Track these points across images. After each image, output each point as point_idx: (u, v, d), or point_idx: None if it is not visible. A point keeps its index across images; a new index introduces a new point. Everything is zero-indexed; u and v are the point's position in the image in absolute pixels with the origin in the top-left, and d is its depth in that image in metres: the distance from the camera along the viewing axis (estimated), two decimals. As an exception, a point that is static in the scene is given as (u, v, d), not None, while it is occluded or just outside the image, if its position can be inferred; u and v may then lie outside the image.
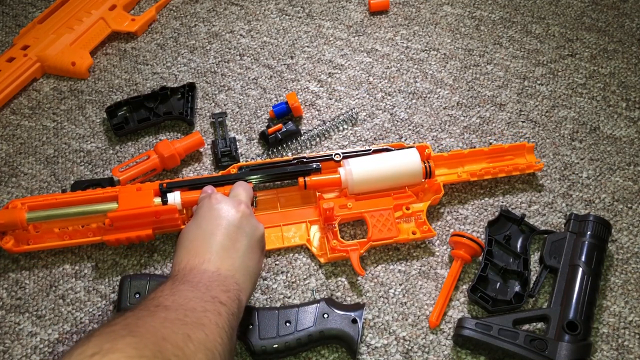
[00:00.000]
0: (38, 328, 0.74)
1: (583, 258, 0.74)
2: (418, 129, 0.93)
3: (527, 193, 0.86)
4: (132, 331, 0.48)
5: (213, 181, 0.80)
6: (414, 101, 0.96)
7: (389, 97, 0.97)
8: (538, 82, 0.99)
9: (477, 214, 0.84)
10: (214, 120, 0.93)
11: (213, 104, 0.96)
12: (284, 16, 1.08)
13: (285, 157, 0.85)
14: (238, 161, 0.88)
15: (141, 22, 1.04)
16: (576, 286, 0.73)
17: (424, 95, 0.97)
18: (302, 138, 0.91)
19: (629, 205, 0.85)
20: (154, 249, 0.80)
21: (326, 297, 0.74)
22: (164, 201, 0.77)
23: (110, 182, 0.84)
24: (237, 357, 0.71)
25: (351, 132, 0.92)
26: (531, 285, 0.76)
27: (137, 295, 0.71)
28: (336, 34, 1.06)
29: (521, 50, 1.03)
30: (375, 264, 0.79)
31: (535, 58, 1.02)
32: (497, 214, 0.81)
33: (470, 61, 1.02)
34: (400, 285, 0.77)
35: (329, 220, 0.79)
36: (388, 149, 0.84)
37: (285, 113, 0.93)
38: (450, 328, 0.74)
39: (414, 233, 0.79)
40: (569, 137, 0.92)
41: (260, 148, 0.91)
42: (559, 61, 1.02)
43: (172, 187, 0.79)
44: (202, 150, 0.90)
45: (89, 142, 0.91)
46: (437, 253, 0.80)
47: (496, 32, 1.06)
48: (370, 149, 0.84)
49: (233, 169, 0.83)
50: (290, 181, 0.85)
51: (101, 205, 0.77)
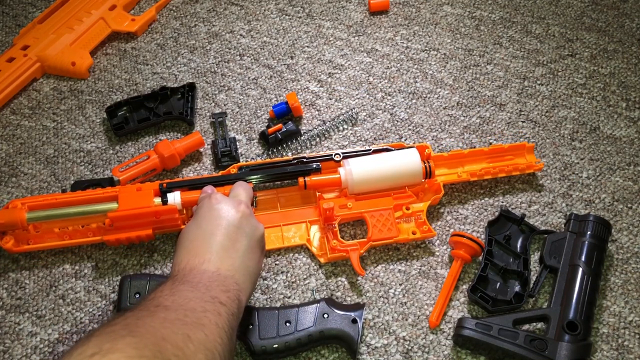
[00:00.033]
0: (38, 328, 0.74)
1: (583, 258, 0.74)
2: (418, 129, 0.93)
3: (527, 193, 0.86)
4: (132, 331, 0.48)
5: (213, 181, 0.80)
6: (414, 101, 0.96)
7: (389, 97, 0.97)
8: (538, 82, 0.99)
9: (477, 214, 0.84)
10: (214, 120, 0.93)
11: (213, 104, 0.96)
12: (284, 16, 1.08)
13: (285, 157, 0.85)
14: (238, 161, 0.88)
15: (141, 22, 1.04)
16: (576, 286, 0.73)
17: (424, 95, 0.97)
18: (302, 138, 0.90)
19: (629, 205, 0.85)
20: (154, 249, 0.80)
21: (326, 297, 0.74)
22: (164, 201, 0.77)
23: (110, 182, 0.84)
24: (237, 357, 0.71)
25: (351, 132, 0.92)
26: (531, 285, 0.76)
27: (137, 295, 0.71)
28: (336, 34, 1.06)
29: (521, 50, 1.03)
30: (375, 264, 0.79)
31: (535, 58, 1.02)
32: (497, 214, 0.81)
33: (470, 61, 1.02)
34: (400, 285, 0.77)
35: (329, 220, 0.79)
36: (388, 149, 0.84)
37: (285, 113, 0.93)
38: (450, 328, 0.74)
39: (414, 233, 0.79)
40: (569, 137, 0.92)
41: (260, 148, 0.91)
42: (559, 61, 1.02)
43: (172, 187, 0.79)
44: (202, 150, 0.90)
45: (89, 142, 0.91)
46: (437, 253, 0.80)
47: (496, 32, 1.06)
48: (370, 149, 0.84)
49: (233, 169, 0.83)
50: (290, 181, 0.85)
51: (101, 205, 0.77)
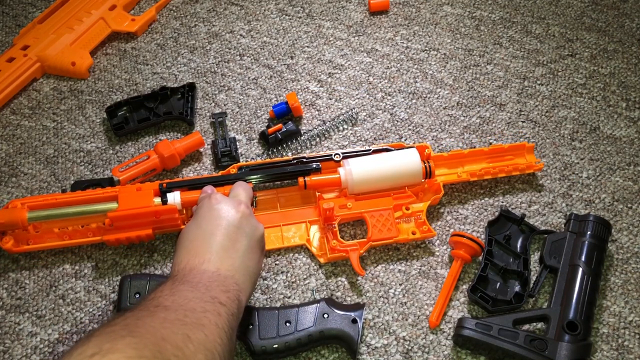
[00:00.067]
0: (38, 328, 0.74)
1: (583, 258, 0.74)
2: (418, 129, 0.93)
3: (527, 193, 0.86)
4: (132, 331, 0.48)
5: (213, 181, 0.80)
6: (414, 101, 0.96)
7: (389, 97, 0.97)
8: (538, 82, 0.99)
9: (477, 214, 0.84)
10: (214, 120, 0.93)
11: (213, 104, 0.96)
12: (284, 16, 1.08)
13: (285, 157, 0.85)
14: (238, 161, 0.88)
15: (141, 22, 1.04)
16: (576, 286, 0.73)
17: (424, 95, 0.97)
18: (302, 138, 0.90)
19: (629, 205, 0.85)
20: (154, 249, 0.80)
21: (326, 297, 0.74)
22: (164, 201, 0.77)
23: (110, 182, 0.84)
24: (237, 357, 0.71)
25: (351, 132, 0.92)
26: (531, 285, 0.76)
27: (137, 295, 0.71)
28: (336, 34, 1.06)
29: (521, 50, 1.03)
30: (375, 264, 0.79)
31: (535, 58, 1.02)
32: (497, 214, 0.81)
33: (470, 61, 1.02)
34: (400, 285, 0.77)
35: (329, 220, 0.79)
36: (388, 149, 0.84)
37: (285, 113, 0.93)
38: (450, 328, 0.74)
39: (414, 233, 0.79)
40: (569, 137, 0.92)
41: (260, 148, 0.91)
42: (559, 61, 1.02)
43: (172, 187, 0.79)
44: (202, 150, 0.90)
45: (89, 142, 0.91)
46: (437, 253, 0.80)
47: (496, 32, 1.06)
48: (370, 149, 0.84)
49: (233, 169, 0.83)
50: (290, 181, 0.85)
51: (101, 205, 0.77)
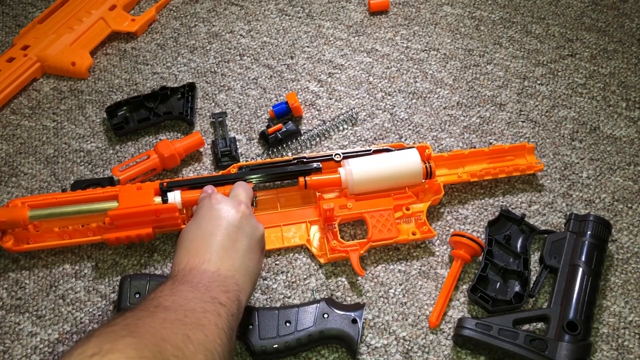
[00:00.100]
0: (38, 328, 0.74)
1: (583, 258, 0.74)
2: (418, 129, 0.93)
3: (527, 193, 0.86)
4: (132, 332, 0.48)
5: (213, 181, 0.80)
6: (414, 101, 0.96)
7: (389, 97, 0.97)
8: (538, 82, 0.99)
9: (477, 214, 0.84)
10: (214, 120, 0.93)
11: (213, 104, 0.96)
12: (284, 16, 1.08)
13: (285, 157, 0.85)
14: (238, 161, 0.88)
15: (141, 22, 1.04)
16: (576, 286, 0.73)
17: (424, 95, 0.97)
18: (302, 138, 0.90)
19: (629, 205, 0.85)
20: (154, 249, 0.80)
21: (326, 297, 0.74)
22: (164, 200, 0.77)
23: (110, 182, 0.84)
24: (237, 357, 0.71)
25: (351, 132, 0.92)
26: (531, 285, 0.76)
27: (137, 295, 0.71)
28: (336, 34, 1.06)
29: (521, 50, 1.03)
30: (375, 264, 0.79)
31: (535, 58, 1.02)
32: (497, 214, 0.81)
33: (470, 61, 1.02)
34: (400, 285, 0.77)
35: (329, 220, 0.79)
36: (388, 149, 0.84)
37: (285, 113, 0.93)
38: (450, 328, 0.74)
39: (414, 234, 0.79)
40: (569, 137, 0.92)
41: (260, 148, 0.91)
42: (559, 61, 1.02)
43: (173, 187, 0.79)
44: (202, 150, 0.90)
45: (89, 142, 0.91)
46: (437, 253, 0.80)
47: (496, 32, 1.06)
48: (370, 149, 0.84)
49: (233, 169, 0.83)
50: (290, 181, 0.85)
51: (102, 203, 0.77)
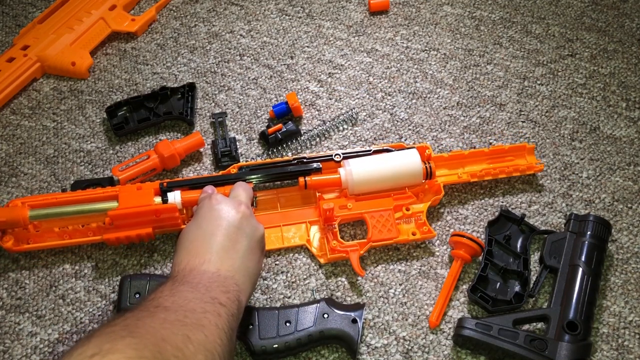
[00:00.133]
0: (38, 328, 0.74)
1: (583, 258, 0.74)
2: (418, 129, 0.93)
3: (527, 193, 0.86)
4: (132, 332, 0.48)
5: (213, 181, 0.80)
6: (414, 101, 0.96)
7: (389, 97, 0.97)
8: (538, 82, 0.99)
9: (477, 214, 0.84)
10: (214, 120, 0.93)
11: (213, 104, 0.96)
12: (284, 16, 1.08)
13: (285, 157, 0.85)
14: (238, 161, 0.88)
15: (141, 22, 1.04)
16: (576, 286, 0.73)
17: (424, 95, 0.97)
18: (302, 138, 0.90)
19: (629, 205, 0.85)
20: (154, 249, 0.80)
21: (326, 297, 0.74)
22: (164, 200, 0.77)
23: (110, 182, 0.84)
24: (237, 357, 0.71)
25: (351, 132, 0.92)
26: (531, 285, 0.76)
27: (137, 295, 0.71)
28: (336, 34, 1.06)
29: (521, 50, 1.03)
30: (375, 264, 0.79)
31: (535, 58, 1.02)
32: (497, 214, 0.81)
33: (470, 61, 1.02)
34: (400, 285, 0.77)
35: (329, 220, 0.79)
36: (388, 150, 0.84)
37: (285, 113, 0.93)
38: (450, 328, 0.74)
39: (414, 234, 0.79)
40: (569, 137, 0.92)
41: (260, 148, 0.91)
42: (559, 61, 1.02)
43: (173, 187, 0.79)
44: (202, 150, 0.90)
45: (89, 142, 0.91)
46: (437, 253, 0.80)
47: (496, 32, 1.06)
48: (370, 150, 0.84)
49: (233, 169, 0.83)
50: (290, 181, 0.85)
51: (102, 203, 0.77)
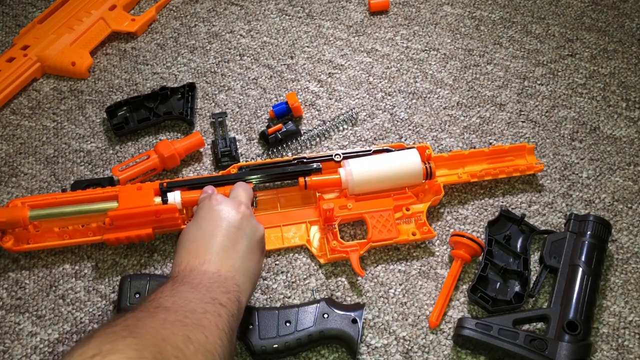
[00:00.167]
0: (38, 328, 0.74)
1: (583, 258, 0.75)
2: (418, 129, 0.93)
3: (527, 193, 0.86)
4: (132, 332, 0.48)
5: (213, 181, 0.80)
6: (414, 101, 0.96)
7: (389, 97, 0.97)
8: (538, 82, 0.99)
9: (477, 214, 0.84)
10: (214, 120, 0.93)
11: (213, 104, 0.96)
12: (284, 16, 1.08)
13: (285, 157, 0.85)
14: (238, 161, 0.88)
15: (141, 22, 1.04)
16: (576, 286, 0.73)
17: (424, 95, 0.97)
18: (302, 138, 0.90)
19: (629, 205, 0.85)
20: (154, 249, 0.80)
21: (326, 297, 0.74)
22: (164, 200, 0.77)
23: (110, 182, 0.84)
24: (237, 357, 0.71)
25: (351, 132, 0.92)
26: (531, 285, 0.76)
27: (137, 295, 0.71)
28: (336, 34, 1.06)
29: (521, 50, 1.03)
30: (375, 264, 0.79)
31: (535, 58, 1.02)
32: (497, 214, 0.81)
33: (470, 61, 1.02)
34: (400, 285, 0.77)
35: (329, 221, 0.79)
36: (388, 150, 0.84)
37: (285, 113, 0.93)
38: (450, 328, 0.74)
39: (414, 234, 0.79)
40: (569, 137, 0.92)
41: (260, 148, 0.91)
42: (559, 61, 1.02)
43: (173, 187, 0.79)
44: (202, 150, 0.90)
45: (89, 142, 0.91)
46: (437, 253, 0.80)
47: (496, 32, 1.06)
48: (370, 150, 0.84)
49: (233, 169, 0.83)
50: (290, 181, 0.85)
51: (102, 204, 0.77)
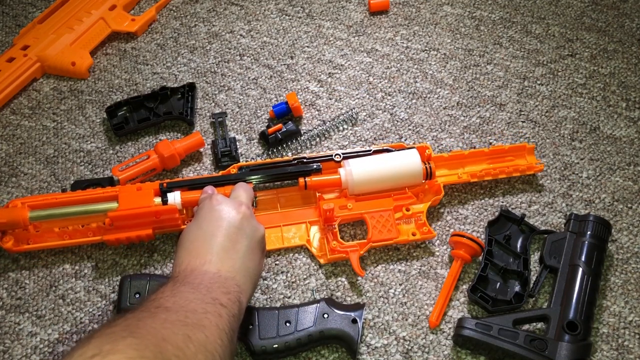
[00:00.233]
0: (38, 328, 0.74)
1: (583, 258, 0.75)
2: (418, 129, 0.93)
3: (527, 193, 0.86)
4: (133, 332, 0.48)
5: (213, 181, 0.80)
6: (414, 101, 0.96)
7: (389, 97, 0.97)
8: (538, 82, 0.99)
9: (477, 214, 0.84)
10: (214, 120, 0.93)
11: (213, 104, 0.96)
12: (284, 16, 1.08)
13: (285, 157, 0.85)
14: (238, 161, 0.88)
15: (141, 22, 1.04)
16: (576, 286, 0.73)
17: (424, 95, 0.97)
18: (302, 138, 0.90)
19: (629, 205, 0.85)
20: (154, 249, 0.80)
21: (326, 297, 0.74)
22: (164, 201, 0.77)
23: (110, 182, 0.84)
24: (237, 357, 0.71)
25: (351, 132, 0.92)
26: (531, 285, 0.76)
27: (137, 295, 0.71)
28: (336, 34, 1.06)
29: (521, 50, 1.03)
30: (375, 264, 0.79)
31: (535, 58, 1.02)
32: (497, 214, 0.81)
33: (470, 61, 1.02)
34: (400, 285, 0.77)
35: (329, 221, 0.79)
36: (388, 150, 0.84)
37: (285, 113, 0.93)
38: (450, 328, 0.74)
39: (414, 234, 0.79)
40: (569, 137, 0.92)
41: (260, 148, 0.91)
42: (559, 61, 1.02)
43: (173, 187, 0.79)
44: (202, 150, 0.90)
45: (89, 142, 0.91)
46: (437, 253, 0.80)
47: (496, 32, 1.06)
48: (370, 150, 0.84)
49: (233, 169, 0.83)
50: (290, 181, 0.85)
51: (102, 204, 0.77)
